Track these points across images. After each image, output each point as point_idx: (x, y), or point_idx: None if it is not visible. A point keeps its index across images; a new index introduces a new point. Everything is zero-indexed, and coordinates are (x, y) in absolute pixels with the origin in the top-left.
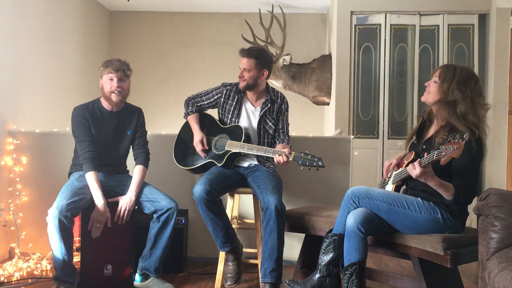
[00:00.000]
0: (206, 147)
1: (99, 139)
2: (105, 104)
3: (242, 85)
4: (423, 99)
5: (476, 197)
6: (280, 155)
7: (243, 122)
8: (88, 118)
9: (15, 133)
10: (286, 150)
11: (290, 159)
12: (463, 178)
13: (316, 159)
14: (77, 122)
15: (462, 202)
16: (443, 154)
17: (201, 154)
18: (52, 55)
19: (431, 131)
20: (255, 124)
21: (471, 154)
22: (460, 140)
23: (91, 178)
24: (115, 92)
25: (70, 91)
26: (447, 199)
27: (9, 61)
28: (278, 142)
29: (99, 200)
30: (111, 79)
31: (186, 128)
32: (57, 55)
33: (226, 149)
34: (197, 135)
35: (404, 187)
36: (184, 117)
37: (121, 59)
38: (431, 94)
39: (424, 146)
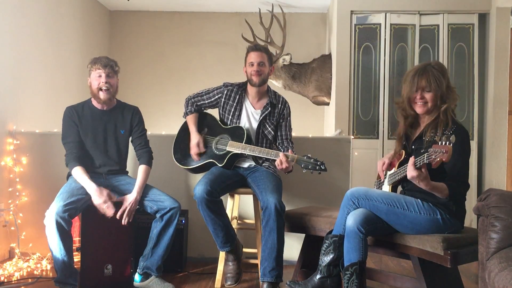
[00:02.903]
0: (203, 150)
1: (92, 139)
2: (95, 103)
3: (258, 80)
4: (422, 111)
5: (471, 195)
6: (282, 160)
7: (243, 124)
8: (76, 119)
9: (15, 133)
10: (289, 151)
11: (293, 163)
12: (455, 175)
13: (319, 163)
14: (64, 123)
15: (457, 200)
16: (433, 157)
17: (195, 157)
18: (52, 55)
19: (418, 130)
20: (255, 126)
21: (463, 152)
22: (448, 143)
23: (77, 172)
24: (103, 88)
25: (70, 91)
26: (442, 199)
27: (9, 61)
28: (283, 150)
29: (90, 186)
30: (100, 76)
31: (186, 127)
32: (57, 55)
33: (227, 149)
34: (194, 138)
35: (400, 188)
36: (183, 116)
37: (108, 57)
38: (430, 102)
39: (413, 146)
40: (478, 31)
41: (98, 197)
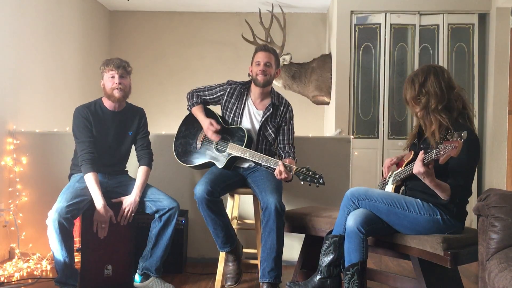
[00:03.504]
0: (218, 127)
1: (101, 139)
2: (107, 103)
3: (263, 80)
4: (420, 116)
5: (471, 196)
6: (281, 170)
7: (244, 123)
8: (90, 118)
9: (15, 133)
10: (287, 160)
11: (292, 172)
12: (459, 178)
13: (317, 176)
14: (78, 122)
15: (457, 202)
16: (442, 153)
17: (215, 137)
18: (52, 55)
19: (428, 131)
20: (256, 127)
21: (469, 154)
22: (459, 139)
23: (90, 179)
24: (117, 88)
25: (70, 91)
26: (443, 200)
27: (9, 61)
28: (284, 155)
29: (98, 202)
30: (113, 77)
31: (187, 122)
32: (57, 55)
33: (227, 151)
34: (205, 122)
35: (403, 188)
36: (188, 109)
37: (120, 58)
38: (418, 111)
39: (422, 146)
40: (478, 31)
41: (101, 216)
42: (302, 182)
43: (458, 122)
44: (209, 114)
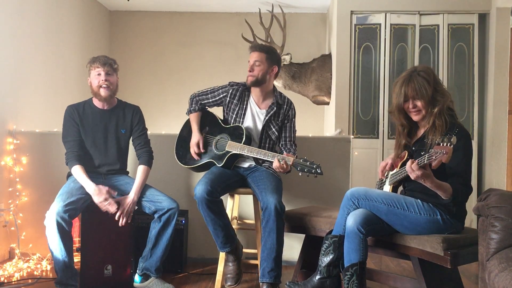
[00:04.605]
0: (202, 150)
1: (92, 139)
2: (96, 102)
3: (250, 80)
4: (418, 119)
5: (471, 193)
6: (280, 161)
7: (247, 123)
8: (77, 118)
9: (15, 133)
10: (285, 154)
11: (290, 163)
12: (458, 176)
13: (315, 166)
14: (65, 122)
15: (459, 201)
16: (433, 158)
17: (195, 156)
18: (52, 55)
19: (421, 131)
20: (259, 126)
21: (463, 152)
22: (448, 144)
23: (77, 171)
24: (103, 86)
25: (70, 91)
26: (445, 200)
27: (9, 61)
28: (285, 151)
29: (90, 186)
30: (99, 74)
31: (188, 126)
32: (57, 55)
33: (226, 149)
34: (195, 137)
35: (401, 188)
36: (186, 113)
37: (107, 55)
38: (423, 109)
39: (413, 148)
40: (478, 31)
41: (98, 196)
42: (300, 173)
43: (450, 121)
44: (209, 116)
